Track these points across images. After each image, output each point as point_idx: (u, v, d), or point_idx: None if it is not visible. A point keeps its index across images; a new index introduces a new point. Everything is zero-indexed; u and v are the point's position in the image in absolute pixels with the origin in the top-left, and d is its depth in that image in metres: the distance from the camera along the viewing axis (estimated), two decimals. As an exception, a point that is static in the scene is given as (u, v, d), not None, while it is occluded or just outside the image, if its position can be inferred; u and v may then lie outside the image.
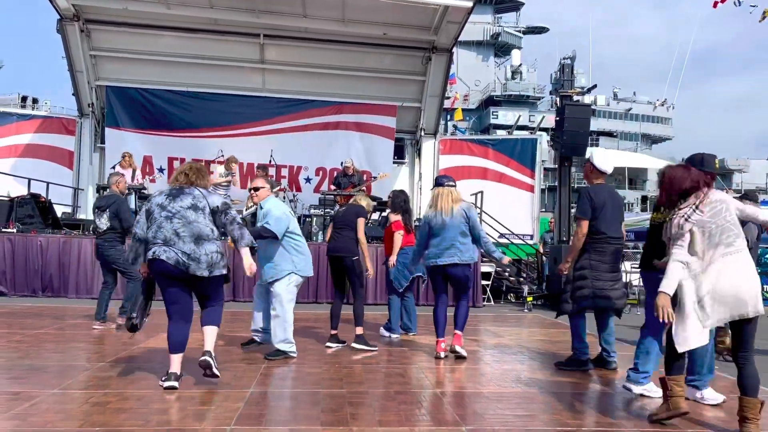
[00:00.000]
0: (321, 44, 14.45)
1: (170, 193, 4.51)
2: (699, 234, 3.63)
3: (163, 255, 4.30)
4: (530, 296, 11.20)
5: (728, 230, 3.61)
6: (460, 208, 5.78)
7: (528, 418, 3.94)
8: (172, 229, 4.34)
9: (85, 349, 5.99)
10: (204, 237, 4.38)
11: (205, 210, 4.45)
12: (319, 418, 3.76)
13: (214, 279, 4.47)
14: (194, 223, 4.37)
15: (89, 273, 10.30)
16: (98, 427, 3.47)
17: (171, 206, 4.41)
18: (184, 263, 4.29)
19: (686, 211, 3.69)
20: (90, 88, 14.39)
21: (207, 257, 4.35)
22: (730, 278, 3.52)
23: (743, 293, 3.49)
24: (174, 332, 4.45)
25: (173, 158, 14.46)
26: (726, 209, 3.65)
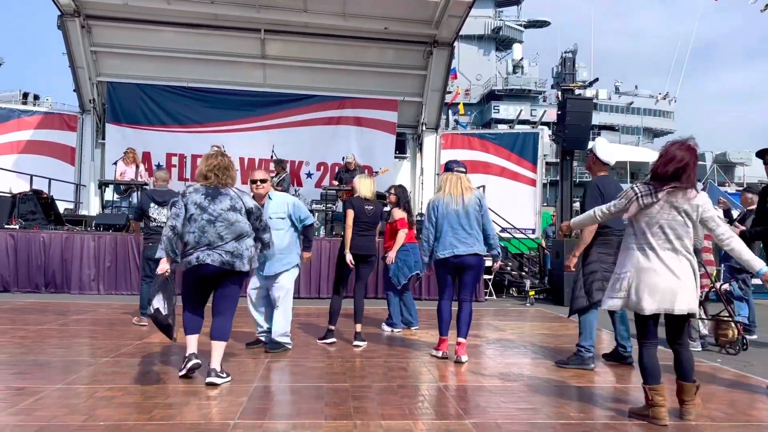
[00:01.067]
0: (322, 39, 14.42)
1: (207, 192, 4.50)
2: (645, 217, 3.65)
3: (208, 259, 4.36)
4: (532, 290, 11.20)
5: (674, 228, 3.61)
6: (473, 196, 5.44)
7: (532, 411, 3.94)
8: (216, 233, 4.40)
9: (89, 344, 6.00)
10: (245, 234, 4.50)
11: (242, 211, 4.55)
12: (322, 412, 3.77)
13: (240, 278, 4.55)
14: (236, 223, 4.47)
15: (92, 269, 10.32)
16: (102, 422, 3.48)
17: (212, 209, 4.43)
18: (229, 262, 4.39)
19: (644, 190, 3.65)
20: (91, 83, 14.39)
21: (248, 251, 4.50)
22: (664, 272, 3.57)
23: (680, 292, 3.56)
24: (189, 319, 4.58)
25: (171, 154, 14.48)
26: (688, 213, 3.60)
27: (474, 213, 5.39)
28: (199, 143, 14.31)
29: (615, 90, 64.64)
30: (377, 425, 3.53)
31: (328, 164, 14.98)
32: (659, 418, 3.59)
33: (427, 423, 3.62)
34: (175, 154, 14.52)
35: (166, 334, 4.62)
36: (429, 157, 15.84)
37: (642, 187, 3.67)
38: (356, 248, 6.14)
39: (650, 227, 3.64)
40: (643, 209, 3.64)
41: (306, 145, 14.82)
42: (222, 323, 4.53)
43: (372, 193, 6.33)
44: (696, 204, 3.61)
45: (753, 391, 4.62)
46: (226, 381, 4.47)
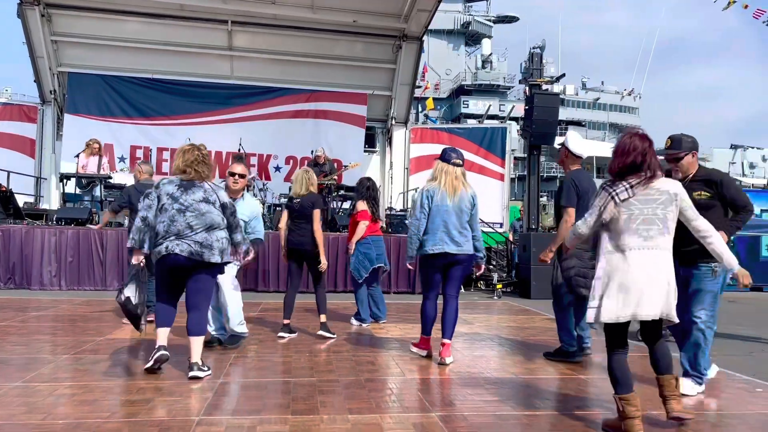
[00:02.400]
0: (290, 31, 14.29)
1: (181, 184, 4.50)
2: (624, 215, 3.36)
3: (176, 249, 4.33)
4: (500, 284, 11.32)
5: (652, 223, 3.34)
6: (469, 194, 5.17)
7: (498, 403, 3.98)
8: (186, 223, 4.38)
9: (50, 341, 5.86)
10: (216, 225, 4.47)
11: (215, 204, 4.52)
12: (289, 407, 3.74)
13: (216, 268, 4.54)
14: (207, 214, 4.44)
15: (53, 264, 10.07)
16: (62, 420, 3.40)
17: (183, 199, 4.42)
18: (198, 252, 4.36)
19: (618, 188, 3.38)
20: (52, 74, 14.00)
21: (219, 243, 4.46)
22: (641, 275, 3.30)
23: (655, 295, 3.29)
24: (161, 311, 4.55)
25: (136, 147, 14.20)
26: (663, 202, 3.36)
27: (467, 211, 5.16)
28: (165, 136, 14.08)
29: (582, 86, 65.65)
30: (344, 419, 3.51)
31: (297, 158, 14.87)
32: (633, 431, 3.29)
33: (394, 416, 3.62)
34: (139, 147, 14.23)
35: (134, 324, 4.62)
36: (398, 151, 15.85)
37: (616, 186, 3.40)
38: (290, 243, 6.20)
39: (630, 225, 3.35)
40: (621, 207, 3.36)
41: (274, 139, 14.69)
42: (198, 317, 4.53)
43: (305, 189, 6.20)
44: (674, 192, 3.38)
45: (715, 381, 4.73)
46: (207, 374, 4.47)
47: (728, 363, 5.27)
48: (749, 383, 4.75)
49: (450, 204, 5.09)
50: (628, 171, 3.38)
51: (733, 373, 5.02)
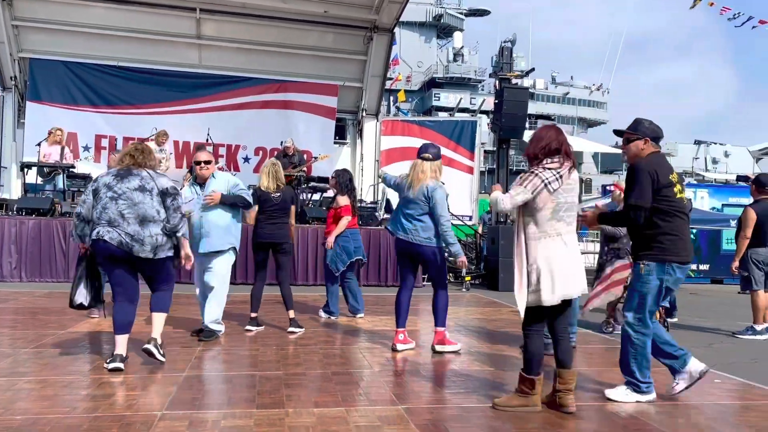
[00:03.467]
0: (260, 20, 14.10)
1: (118, 173, 4.44)
2: (550, 202, 3.55)
3: (106, 236, 4.25)
4: (468, 276, 11.40)
5: (572, 209, 3.64)
6: (422, 186, 5.21)
7: (464, 395, 4.00)
8: (117, 211, 4.29)
9: (8, 334, 5.71)
10: (149, 219, 4.34)
11: (153, 191, 4.40)
12: (254, 401, 3.71)
13: (160, 261, 4.43)
14: (140, 204, 4.33)
15: (13, 255, 9.80)
16: (20, 416, 3.32)
17: (117, 187, 4.35)
18: (127, 244, 4.26)
19: (549, 176, 3.55)
20: (12, 59, 13.57)
21: (151, 239, 4.32)
22: (572, 258, 3.60)
23: (579, 275, 3.62)
24: (119, 313, 4.41)
25: (101, 136, 13.87)
26: (577, 191, 3.68)
27: (421, 203, 5.21)
28: (131, 125, 13.78)
29: (551, 80, 66.29)
30: (309, 413, 3.50)
31: (266, 149, 14.72)
32: (536, 404, 3.63)
33: (360, 409, 3.62)
34: (105, 136, 13.92)
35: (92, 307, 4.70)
36: (369, 143, 15.80)
37: (547, 174, 3.55)
38: (262, 236, 6.14)
39: (556, 213, 3.57)
40: (551, 195, 3.54)
41: (243, 129, 14.51)
42: (161, 296, 4.57)
43: (273, 183, 6.16)
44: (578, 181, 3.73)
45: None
46: (161, 357, 4.46)
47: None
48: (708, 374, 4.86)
49: (408, 194, 5.29)
50: (544, 155, 3.61)
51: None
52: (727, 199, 16.11)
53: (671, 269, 3.81)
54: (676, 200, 3.82)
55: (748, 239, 6.95)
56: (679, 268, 3.83)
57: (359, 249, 7.09)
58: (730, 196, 16.37)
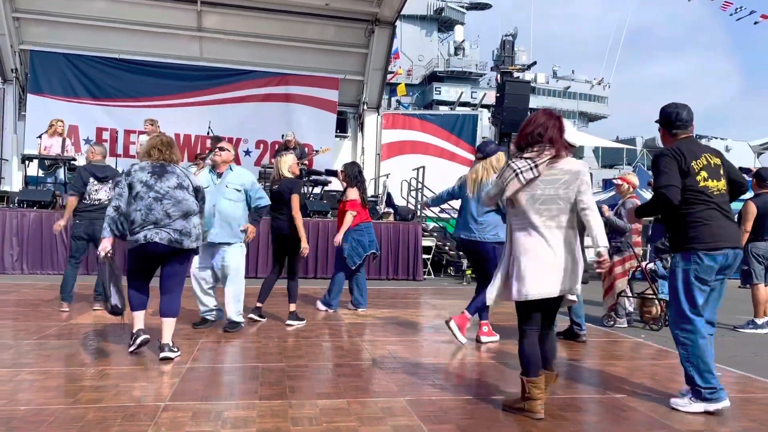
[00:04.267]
0: (262, 13, 14.08)
1: (153, 170, 4.45)
2: (524, 194, 3.37)
3: (156, 237, 4.31)
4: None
5: (554, 202, 3.36)
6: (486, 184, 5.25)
7: (465, 387, 4.02)
8: (164, 211, 4.35)
9: (11, 326, 5.71)
10: (192, 212, 4.49)
11: (189, 188, 4.53)
12: (257, 392, 3.72)
13: (187, 255, 4.57)
14: (183, 201, 4.44)
15: (15, 248, 9.82)
16: (24, 406, 3.33)
17: (159, 186, 4.40)
18: (177, 240, 4.37)
19: (522, 165, 3.36)
20: (13, 52, 13.57)
21: (196, 230, 4.50)
22: (548, 254, 3.34)
23: (557, 272, 3.34)
24: (135, 295, 4.55)
25: (102, 128, 13.87)
26: (566, 182, 3.37)
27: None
28: (133, 118, 13.76)
29: (553, 74, 66.11)
30: (312, 404, 3.51)
31: (267, 142, 14.73)
32: (535, 411, 3.36)
33: (362, 401, 3.63)
34: (106, 129, 13.92)
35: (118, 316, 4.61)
36: (370, 136, 15.79)
37: (520, 163, 3.37)
38: (271, 228, 6.28)
39: (532, 205, 3.36)
40: (525, 186, 3.35)
41: (244, 122, 14.49)
42: (171, 300, 4.57)
43: (287, 172, 6.19)
44: (576, 171, 3.40)
45: (673, 365, 4.85)
46: (177, 355, 4.52)
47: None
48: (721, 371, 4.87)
49: (469, 195, 5.52)
50: (527, 143, 3.41)
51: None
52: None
53: (697, 257, 3.60)
54: (700, 188, 3.62)
55: (749, 233, 6.94)
56: (707, 255, 3.59)
57: (373, 242, 7.09)
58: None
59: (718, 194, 3.69)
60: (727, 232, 3.67)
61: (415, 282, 11.02)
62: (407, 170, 13.84)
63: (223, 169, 5.62)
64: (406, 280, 11.07)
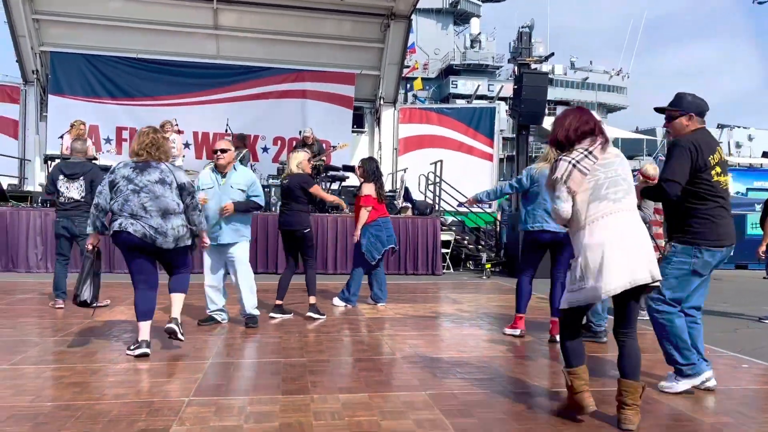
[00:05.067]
0: (277, 10, 14.10)
1: (136, 166, 4.49)
2: (586, 183, 3.15)
3: (130, 228, 4.32)
4: (488, 263, 11.36)
5: (618, 184, 3.17)
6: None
7: (488, 381, 4.00)
8: (140, 203, 4.36)
9: (36, 323, 5.81)
10: (171, 211, 4.44)
11: (172, 185, 4.50)
12: (279, 387, 3.74)
13: (180, 249, 4.55)
14: (161, 197, 4.41)
15: (39, 246, 9.97)
16: (50, 402, 3.38)
17: (138, 180, 4.41)
18: (151, 237, 4.35)
19: (576, 155, 3.19)
20: (34, 53, 13.75)
21: (174, 231, 4.43)
22: (628, 237, 3.10)
23: (635, 258, 3.07)
24: (141, 301, 4.52)
25: (122, 128, 14.01)
26: (619, 164, 3.24)
27: None
28: (151, 116, 13.79)
29: (570, 65, 65.51)
30: (335, 399, 3.52)
31: (285, 139, 14.76)
32: (586, 405, 3.17)
33: (384, 395, 3.63)
34: (125, 128, 14.05)
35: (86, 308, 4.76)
36: (387, 131, 15.77)
37: (574, 154, 3.20)
38: (280, 224, 6.32)
39: (596, 192, 3.15)
40: (585, 176, 3.15)
41: (261, 119, 14.55)
42: (180, 278, 4.67)
43: (295, 168, 6.25)
44: (618, 153, 3.31)
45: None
46: (182, 337, 4.57)
47: (714, 340, 5.33)
48: (734, 359, 4.81)
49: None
50: (575, 137, 3.24)
51: (718, 349, 5.08)
52: (751, 183, 15.86)
53: (698, 252, 3.65)
54: (713, 183, 3.62)
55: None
56: (708, 251, 3.64)
57: (392, 237, 7.09)
58: (755, 180, 16.11)
59: (725, 189, 3.76)
60: (730, 230, 3.78)
61: (435, 276, 11.00)
62: (425, 165, 13.80)
63: (227, 171, 5.64)
64: (425, 275, 11.05)
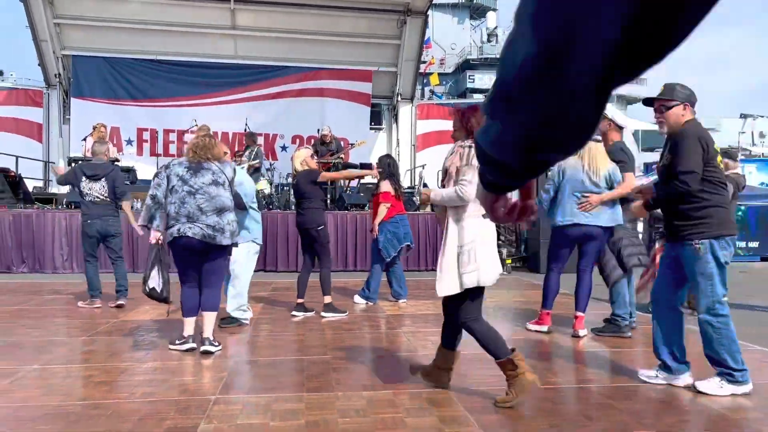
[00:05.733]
0: (293, 8, 14.16)
1: (190, 166, 4.58)
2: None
3: (189, 232, 4.42)
4: (509, 259, 11.31)
5: None
6: (607, 169, 5.15)
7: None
8: (196, 205, 4.45)
9: (65, 324, 5.92)
10: (226, 208, 4.56)
11: (225, 184, 4.61)
12: (303, 385, 3.77)
13: (228, 249, 4.65)
14: (217, 197, 4.52)
15: (64, 247, 10.14)
16: (80, 401, 3.45)
17: (193, 182, 4.50)
18: (210, 236, 4.45)
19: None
20: (56, 57, 13.99)
21: (230, 226, 4.56)
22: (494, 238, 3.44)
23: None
24: (187, 298, 4.65)
25: (143, 129, 14.20)
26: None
27: (603, 187, 5.12)
28: (171, 117, 14.06)
29: (589, 57, 64.74)
30: (359, 396, 3.54)
31: (303, 137, 14.83)
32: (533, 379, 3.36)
33: (408, 392, 3.64)
34: (146, 129, 14.25)
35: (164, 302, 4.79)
36: (405, 127, 15.77)
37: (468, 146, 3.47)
38: (297, 224, 6.34)
39: None
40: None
41: (280, 118, 14.65)
42: (211, 295, 4.67)
43: (299, 166, 6.24)
44: None
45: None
46: (218, 349, 4.61)
47: (742, 334, 5.25)
48: (763, 353, 4.75)
49: (583, 177, 5.15)
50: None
51: (748, 344, 5.01)
52: (777, 174, 15.58)
53: (726, 243, 3.57)
54: (720, 170, 3.64)
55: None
56: (732, 240, 3.63)
57: (408, 234, 7.10)
58: (780, 171, 15.83)
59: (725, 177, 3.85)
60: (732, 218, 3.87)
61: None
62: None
63: None
64: (445, 271, 11.01)
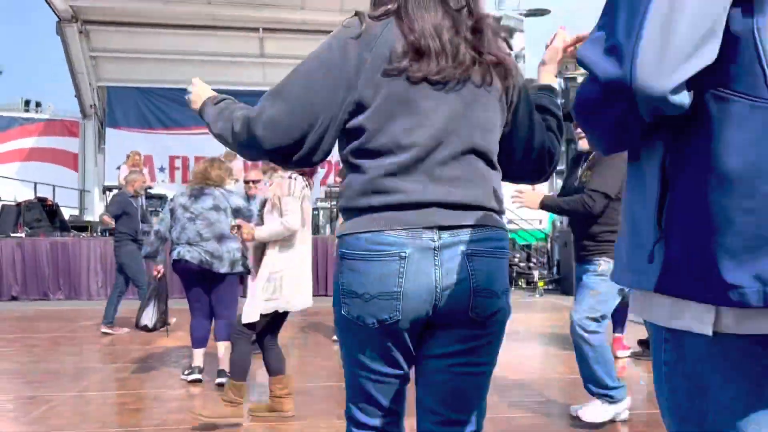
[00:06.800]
0: (320, 35, 14.32)
1: (191, 193, 4.63)
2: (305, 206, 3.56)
3: (187, 255, 4.43)
4: (541, 281, 11.17)
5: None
6: None
7: (545, 403, 3.92)
8: (196, 231, 4.47)
9: (100, 350, 6.01)
10: (226, 236, 4.51)
11: (227, 210, 4.58)
12: (334, 412, 3.74)
13: (234, 278, 4.62)
14: (216, 223, 4.51)
15: (99, 275, 10.32)
16: (115, 428, 3.48)
17: (193, 207, 4.53)
18: (207, 261, 4.44)
19: (300, 177, 3.56)
20: (91, 89, 14.39)
21: (229, 254, 4.51)
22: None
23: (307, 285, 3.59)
24: (196, 328, 4.63)
25: (174, 157, 14.47)
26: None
27: None
28: (202, 145, 14.24)
29: (617, 76, 64.40)
30: (390, 423, 3.50)
31: (332, 162, 14.93)
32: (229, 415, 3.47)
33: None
34: (177, 157, 14.52)
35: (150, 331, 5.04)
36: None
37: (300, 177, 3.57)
38: None
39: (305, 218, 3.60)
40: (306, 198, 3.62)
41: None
42: (224, 325, 4.61)
43: None
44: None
45: None
46: None
47: None
48: None
49: None
50: None
51: None
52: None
53: None
54: None
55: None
56: None
57: None
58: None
59: None
60: None
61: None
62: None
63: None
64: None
